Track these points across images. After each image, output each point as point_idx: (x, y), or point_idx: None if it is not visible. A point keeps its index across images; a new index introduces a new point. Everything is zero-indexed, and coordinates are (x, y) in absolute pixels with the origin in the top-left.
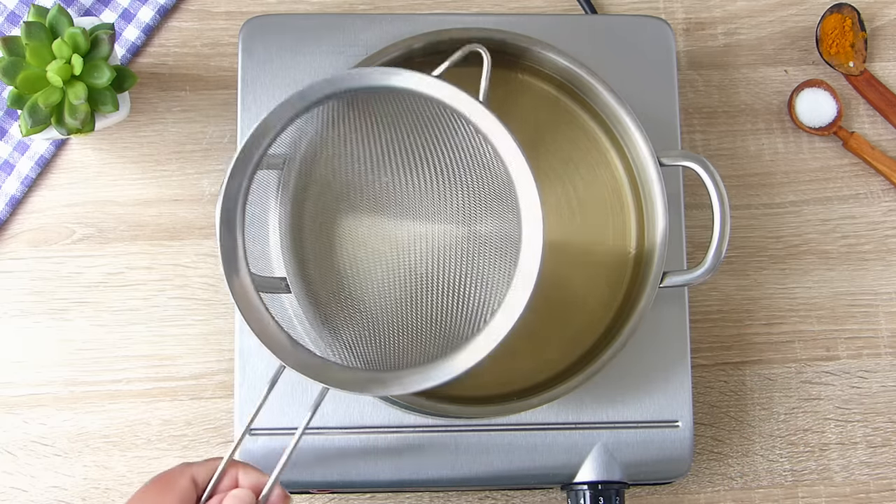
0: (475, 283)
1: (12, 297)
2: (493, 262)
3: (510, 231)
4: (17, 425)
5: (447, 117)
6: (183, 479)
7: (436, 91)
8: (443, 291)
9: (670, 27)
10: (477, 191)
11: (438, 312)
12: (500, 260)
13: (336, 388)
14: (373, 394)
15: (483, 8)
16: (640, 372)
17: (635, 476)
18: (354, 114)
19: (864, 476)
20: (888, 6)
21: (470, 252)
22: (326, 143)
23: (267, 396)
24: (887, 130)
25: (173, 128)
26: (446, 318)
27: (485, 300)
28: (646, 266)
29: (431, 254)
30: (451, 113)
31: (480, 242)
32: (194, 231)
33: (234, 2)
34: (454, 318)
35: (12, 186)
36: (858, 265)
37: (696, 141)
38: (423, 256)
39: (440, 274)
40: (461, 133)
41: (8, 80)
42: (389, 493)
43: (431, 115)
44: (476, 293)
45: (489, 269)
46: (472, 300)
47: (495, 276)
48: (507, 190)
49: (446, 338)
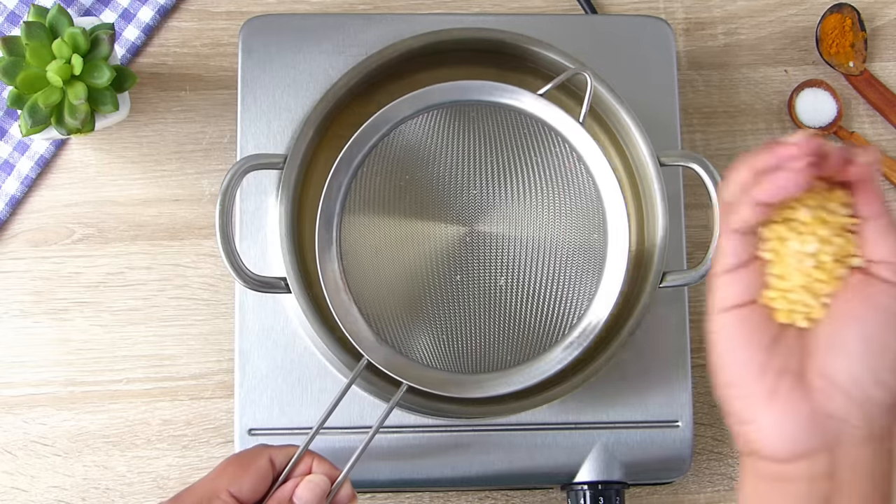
0: (556, 297)
1: (12, 297)
2: (575, 278)
3: (594, 249)
4: (17, 425)
5: (546, 135)
6: (261, 460)
7: (540, 110)
8: (525, 302)
9: (670, 27)
10: (566, 207)
11: (518, 323)
12: (583, 276)
13: (417, 386)
14: (451, 393)
15: (483, 8)
16: (640, 372)
17: (635, 476)
18: (457, 122)
19: None
20: (888, 6)
21: (554, 266)
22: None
23: (347, 389)
24: (887, 130)
25: (173, 128)
26: (526, 328)
27: (565, 314)
28: (646, 266)
29: (517, 265)
30: (550, 131)
31: (565, 258)
32: (194, 231)
33: (234, 2)
34: (534, 329)
35: (12, 186)
36: None
37: (696, 141)
38: (509, 267)
39: (523, 285)
40: (557, 151)
41: (8, 80)
42: (389, 493)
43: (530, 131)
44: (557, 307)
45: (571, 284)
46: (553, 313)
47: (577, 291)
48: (595, 209)
49: (526, 346)
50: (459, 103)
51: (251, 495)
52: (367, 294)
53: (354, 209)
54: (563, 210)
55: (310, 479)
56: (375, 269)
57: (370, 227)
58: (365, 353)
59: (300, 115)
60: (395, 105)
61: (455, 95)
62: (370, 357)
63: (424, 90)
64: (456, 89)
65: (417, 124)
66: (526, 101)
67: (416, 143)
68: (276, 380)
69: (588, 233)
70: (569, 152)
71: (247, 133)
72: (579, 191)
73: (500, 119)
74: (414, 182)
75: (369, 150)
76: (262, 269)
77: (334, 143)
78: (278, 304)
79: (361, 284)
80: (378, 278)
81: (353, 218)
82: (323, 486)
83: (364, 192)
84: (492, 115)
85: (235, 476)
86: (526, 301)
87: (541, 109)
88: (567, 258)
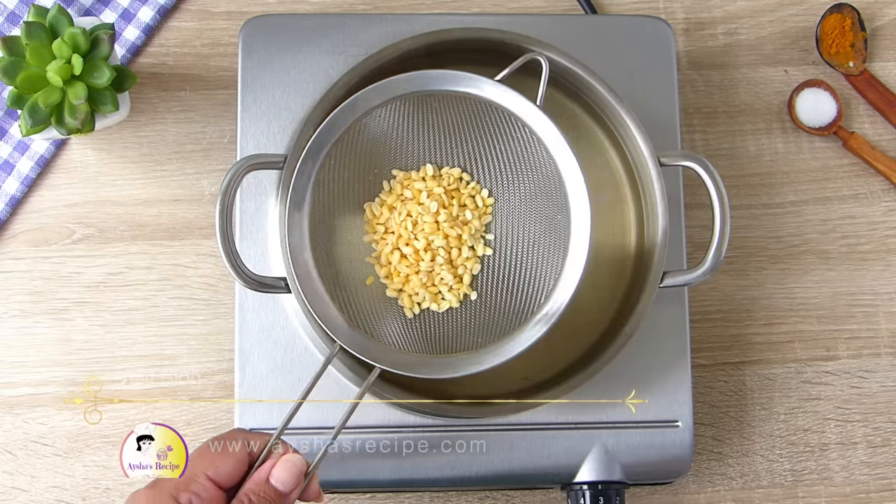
0: (525, 278)
1: (12, 297)
2: (542, 259)
3: (559, 230)
4: (18, 425)
5: (506, 120)
6: (238, 444)
7: (500, 96)
8: (494, 285)
9: (670, 27)
10: (530, 191)
11: (488, 305)
12: (548, 257)
13: (388, 369)
14: (423, 375)
15: (483, 8)
16: (640, 372)
17: (635, 476)
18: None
19: (864, 476)
20: (888, 6)
21: (521, 249)
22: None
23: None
24: (887, 130)
25: (173, 128)
26: (495, 310)
27: (532, 294)
28: (646, 266)
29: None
30: (510, 116)
31: (531, 241)
32: (194, 231)
33: (234, 2)
34: (503, 311)
35: (12, 186)
36: (858, 265)
37: (696, 141)
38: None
39: (492, 269)
40: (517, 136)
41: (8, 80)
42: (389, 493)
43: (491, 117)
44: (525, 288)
45: (538, 265)
46: (522, 294)
47: (544, 272)
48: (557, 191)
49: (495, 328)
50: (422, 93)
51: (228, 479)
52: (338, 281)
53: (321, 198)
54: (528, 193)
55: (286, 459)
56: (345, 257)
57: (338, 215)
58: (337, 338)
59: (300, 115)
60: (362, 94)
61: (418, 86)
62: (341, 342)
63: (388, 80)
64: (418, 79)
65: (382, 115)
66: (486, 88)
67: (382, 133)
68: (276, 380)
69: (552, 214)
70: (528, 136)
71: (247, 133)
72: (542, 175)
73: (463, 107)
74: (381, 173)
75: (337, 139)
76: (262, 269)
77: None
78: (278, 304)
79: (332, 271)
80: (348, 265)
81: (321, 206)
82: (300, 465)
83: (331, 181)
84: (454, 104)
85: (213, 460)
86: (494, 284)
87: (500, 96)
88: (533, 241)
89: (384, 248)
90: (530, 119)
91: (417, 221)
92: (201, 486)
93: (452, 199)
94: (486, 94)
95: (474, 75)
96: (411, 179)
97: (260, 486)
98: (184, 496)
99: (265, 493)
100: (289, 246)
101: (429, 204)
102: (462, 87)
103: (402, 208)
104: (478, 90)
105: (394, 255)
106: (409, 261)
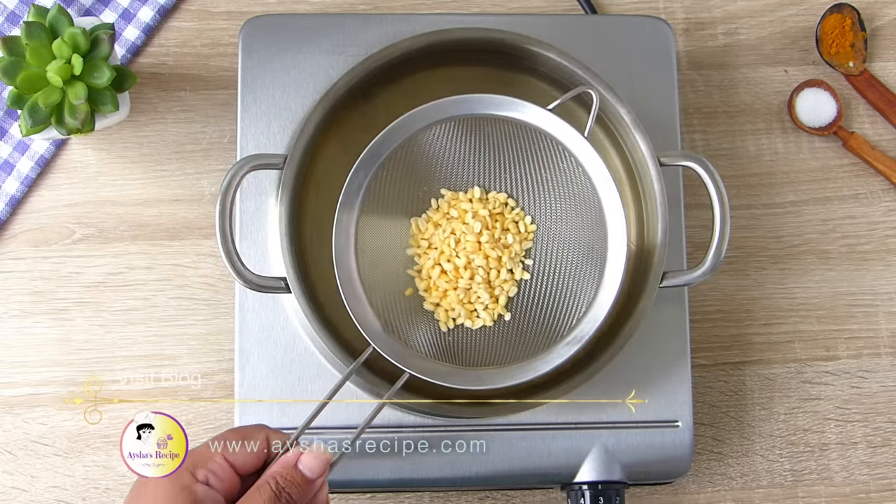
0: (557, 304)
1: (12, 297)
2: (576, 286)
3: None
4: (17, 425)
5: (554, 149)
6: (259, 435)
7: (549, 125)
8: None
9: (670, 27)
10: (570, 220)
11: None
12: (582, 285)
13: (419, 376)
14: (452, 384)
15: (483, 8)
16: (640, 372)
17: (635, 476)
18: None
19: (864, 476)
20: (888, 6)
21: (557, 276)
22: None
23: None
24: (887, 130)
25: (173, 128)
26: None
27: (564, 319)
28: (646, 266)
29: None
30: (558, 145)
31: (567, 270)
32: (194, 231)
33: (234, 2)
34: (534, 331)
35: (12, 186)
36: (858, 265)
37: (696, 141)
38: None
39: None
40: (564, 166)
41: (8, 80)
42: (389, 493)
43: (539, 145)
44: (557, 313)
45: (572, 292)
46: (553, 319)
47: (577, 299)
48: (597, 222)
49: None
50: (471, 116)
51: (244, 465)
52: (377, 286)
53: (369, 208)
54: (569, 223)
55: (315, 448)
56: (386, 265)
57: (384, 225)
58: (372, 341)
59: (300, 115)
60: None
61: (467, 109)
62: (375, 345)
63: (442, 101)
64: (467, 102)
65: (435, 134)
66: (534, 114)
67: (435, 152)
68: (276, 380)
69: (591, 244)
70: (574, 165)
71: (247, 133)
72: (584, 204)
73: (512, 132)
74: (430, 190)
75: (384, 159)
76: (262, 269)
77: (334, 143)
78: (278, 304)
79: (372, 277)
80: (387, 273)
81: (369, 214)
82: (327, 456)
83: (381, 192)
84: (500, 127)
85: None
86: (528, 307)
87: (548, 123)
88: (570, 269)
89: (426, 262)
90: (577, 150)
91: (460, 240)
92: (218, 466)
93: (496, 222)
94: (537, 122)
95: (526, 102)
96: (458, 200)
97: (287, 469)
98: (200, 472)
99: (292, 477)
100: (334, 248)
101: (473, 224)
102: (513, 113)
103: (448, 226)
104: (529, 118)
105: (434, 269)
106: (449, 276)
